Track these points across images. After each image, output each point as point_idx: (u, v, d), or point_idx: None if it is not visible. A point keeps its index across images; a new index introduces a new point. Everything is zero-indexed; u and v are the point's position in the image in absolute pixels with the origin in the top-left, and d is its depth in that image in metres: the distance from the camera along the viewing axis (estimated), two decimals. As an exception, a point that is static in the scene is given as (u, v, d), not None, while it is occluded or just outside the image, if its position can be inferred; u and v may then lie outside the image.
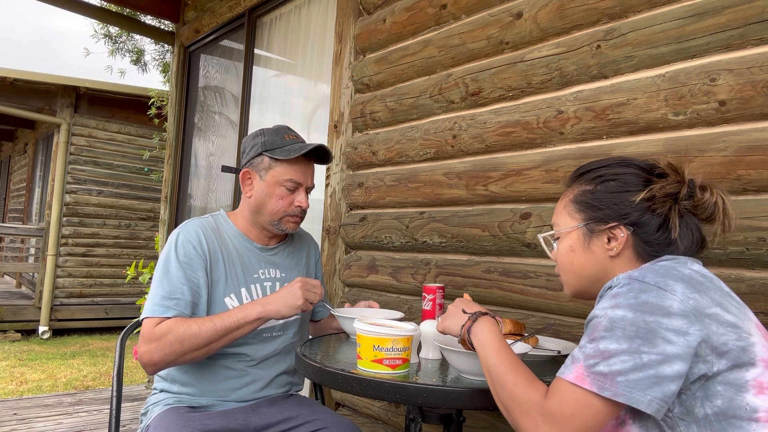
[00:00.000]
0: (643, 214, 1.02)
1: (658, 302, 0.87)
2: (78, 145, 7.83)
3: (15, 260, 9.17)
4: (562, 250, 1.12)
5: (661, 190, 1.01)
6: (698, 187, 1.03)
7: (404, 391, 1.11)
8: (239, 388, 1.60)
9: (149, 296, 1.52)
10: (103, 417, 3.65)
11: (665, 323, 0.85)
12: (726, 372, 0.86)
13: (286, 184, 1.61)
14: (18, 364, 5.69)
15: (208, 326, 1.44)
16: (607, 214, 1.04)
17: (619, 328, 0.87)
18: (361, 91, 2.57)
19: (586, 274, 1.08)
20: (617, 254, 1.04)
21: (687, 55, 1.48)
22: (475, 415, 1.88)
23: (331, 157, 1.71)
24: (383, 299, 2.36)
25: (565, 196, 1.13)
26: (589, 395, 0.86)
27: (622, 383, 0.84)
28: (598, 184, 1.07)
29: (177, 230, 1.61)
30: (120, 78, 9.37)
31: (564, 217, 1.12)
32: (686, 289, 0.88)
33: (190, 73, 4.39)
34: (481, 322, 1.09)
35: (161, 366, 1.46)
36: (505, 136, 1.93)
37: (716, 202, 1.02)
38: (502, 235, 1.90)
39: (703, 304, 0.88)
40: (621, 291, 0.91)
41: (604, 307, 0.91)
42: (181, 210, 4.40)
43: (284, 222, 1.65)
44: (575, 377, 0.88)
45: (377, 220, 2.41)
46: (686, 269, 0.94)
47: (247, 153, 1.67)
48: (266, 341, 1.64)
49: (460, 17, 2.12)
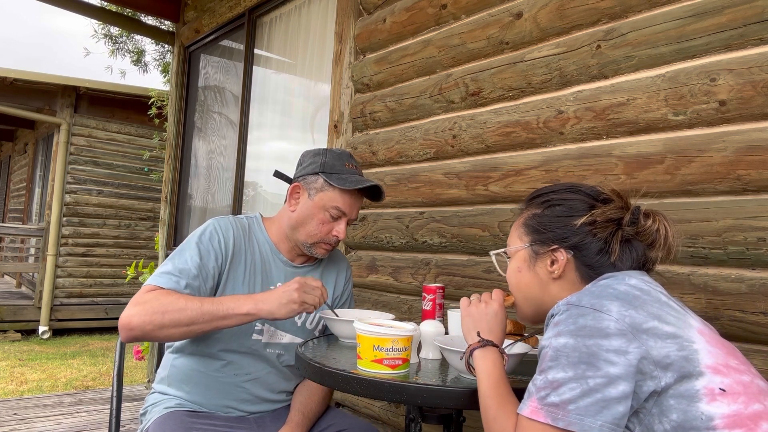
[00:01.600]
0: (584, 238, 1.06)
1: (595, 324, 0.89)
2: (78, 145, 7.83)
3: (15, 260, 9.17)
4: (510, 270, 1.17)
5: (602, 215, 1.05)
6: (642, 214, 1.07)
7: (404, 391, 1.11)
8: (240, 401, 1.58)
9: (155, 270, 1.48)
10: (103, 417, 3.65)
11: (605, 345, 0.87)
12: (675, 385, 0.87)
13: (331, 211, 1.55)
14: (18, 364, 5.69)
15: (195, 305, 1.36)
16: (549, 237, 1.09)
17: (563, 356, 0.89)
18: (361, 91, 2.57)
19: (532, 296, 1.12)
20: (559, 276, 1.08)
21: (687, 55, 1.48)
22: (475, 415, 1.87)
23: (383, 197, 1.63)
24: (383, 299, 2.36)
25: (518, 218, 1.18)
26: (547, 428, 0.87)
27: (573, 411, 0.85)
28: (545, 209, 1.12)
29: (210, 221, 1.57)
30: (121, 78, 9.37)
31: (514, 239, 1.17)
32: (621, 308, 0.90)
33: (190, 73, 4.39)
34: (486, 350, 1.10)
35: (136, 333, 1.36)
36: (505, 136, 1.93)
37: (658, 229, 1.06)
38: (502, 235, 1.90)
39: (639, 320, 0.89)
40: (561, 318, 0.93)
41: (548, 337, 0.93)
42: (181, 210, 4.40)
43: (317, 247, 1.59)
44: (530, 411, 0.90)
45: (377, 220, 2.41)
46: (623, 285, 0.96)
47: (303, 167, 1.61)
48: (268, 358, 1.61)
49: (460, 17, 2.12)
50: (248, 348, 1.57)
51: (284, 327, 1.62)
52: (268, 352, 1.60)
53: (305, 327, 1.66)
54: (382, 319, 1.39)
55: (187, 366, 1.57)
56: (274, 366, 1.62)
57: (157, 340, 1.46)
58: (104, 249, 8.07)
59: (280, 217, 1.65)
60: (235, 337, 1.54)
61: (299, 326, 1.64)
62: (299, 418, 1.54)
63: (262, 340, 1.58)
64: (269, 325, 1.59)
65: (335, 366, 1.22)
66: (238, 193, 3.67)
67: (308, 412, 1.57)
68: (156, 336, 1.37)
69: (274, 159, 3.63)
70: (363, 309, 1.75)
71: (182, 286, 1.43)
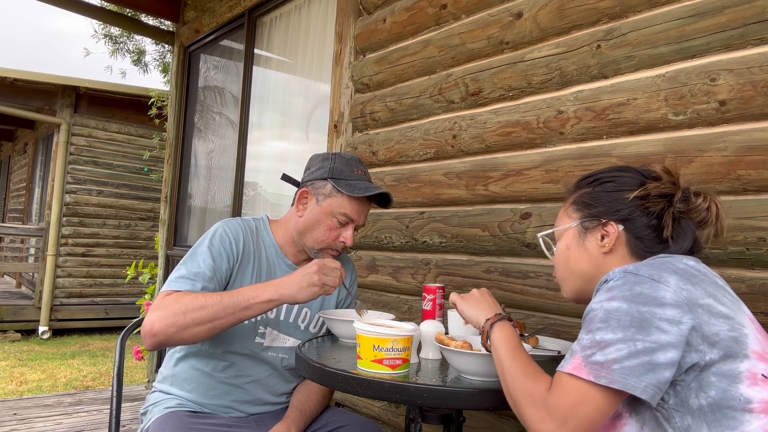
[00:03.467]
0: (635, 211, 1.06)
1: (651, 293, 0.89)
2: (78, 145, 7.82)
3: (15, 260, 9.17)
4: (559, 249, 1.17)
5: (655, 189, 1.06)
6: (693, 193, 1.07)
7: (404, 391, 1.11)
8: (241, 402, 1.58)
9: (169, 276, 1.47)
10: (103, 417, 3.65)
11: (659, 313, 0.88)
12: (719, 363, 0.87)
13: (339, 217, 1.54)
14: (18, 364, 5.69)
15: (215, 300, 1.36)
16: (601, 211, 1.10)
17: (614, 319, 0.89)
18: (361, 91, 2.57)
19: (580, 271, 1.12)
20: (610, 250, 1.08)
21: (687, 55, 1.48)
22: (475, 415, 1.88)
23: (391, 204, 1.62)
24: (383, 299, 2.36)
25: (566, 201, 1.19)
26: (588, 386, 0.87)
27: (617, 370, 0.86)
28: (596, 186, 1.13)
29: (218, 224, 1.57)
30: (121, 78, 9.37)
31: (563, 219, 1.18)
32: (679, 281, 0.91)
33: (190, 73, 4.39)
34: (502, 323, 1.11)
35: (160, 338, 1.35)
36: (505, 136, 1.93)
37: (709, 207, 1.05)
38: (502, 235, 1.90)
39: (695, 295, 0.90)
40: (616, 284, 0.93)
41: (599, 300, 0.94)
42: (181, 210, 4.40)
43: (323, 253, 1.58)
44: (573, 368, 0.90)
45: (377, 220, 2.41)
46: (681, 264, 0.96)
47: (311, 171, 1.60)
48: (270, 361, 1.60)
49: (460, 17, 2.12)
50: (250, 350, 1.57)
51: (287, 330, 1.62)
52: (270, 355, 1.60)
53: (309, 330, 1.66)
54: (382, 319, 1.39)
55: (189, 366, 1.57)
56: (276, 369, 1.61)
57: (184, 343, 1.44)
58: (104, 249, 8.07)
59: (287, 220, 1.65)
60: (238, 338, 1.54)
61: (302, 329, 1.64)
62: (296, 415, 1.54)
63: (264, 343, 1.58)
64: (272, 329, 1.59)
65: (335, 366, 1.22)
66: (238, 193, 3.67)
67: (306, 409, 1.57)
68: (180, 338, 1.36)
69: (274, 159, 3.63)
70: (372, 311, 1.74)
71: (198, 288, 1.43)
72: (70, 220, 7.77)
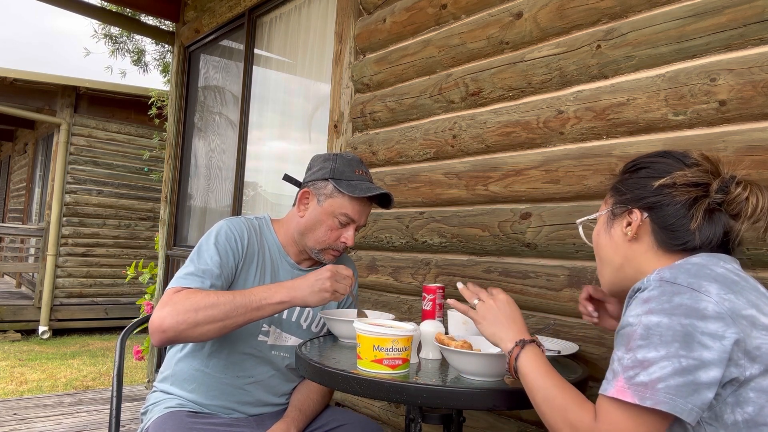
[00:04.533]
0: (662, 200, 1.01)
1: (692, 304, 0.84)
2: (78, 145, 7.83)
3: (15, 260, 9.17)
4: (593, 234, 1.15)
5: (683, 177, 1.00)
6: (734, 183, 1.00)
7: (404, 391, 1.11)
8: (242, 403, 1.58)
9: (176, 274, 1.47)
10: (103, 417, 3.65)
11: (701, 327, 0.82)
12: (759, 377, 0.83)
13: (340, 218, 1.55)
14: (18, 364, 5.69)
15: (228, 299, 1.36)
16: (628, 198, 1.06)
17: (656, 335, 0.84)
18: (361, 91, 2.57)
19: (608, 259, 1.09)
20: (634, 238, 1.04)
21: (687, 55, 1.48)
22: (475, 415, 1.88)
23: (392, 205, 1.63)
24: (383, 299, 2.36)
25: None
26: (635, 410, 0.83)
27: (662, 390, 0.81)
28: (632, 172, 1.09)
29: (222, 222, 1.57)
30: (121, 78, 9.37)
31: (602, 206, 1.15)
32: (720, 290, 0.86)
33: (190, 73, 4.39)
34: (530, 348, 1.06)
35: (169, 335, 1.35)
36: (505, 136, 1.93)
37: (748, 198, 0.98)
38: (502, 235, 1.90)
39: (738, 306, 0.85)
40: (653, 294, 0.88)
41: (637, 314, 0.88)
42: (181, 210, 4.40)
43: (325, 254, 1.59)
44: (616, 391, 0.85)
45: (377, 220, 2.41)
46: (719, 268, 0.91)
47: (313, 172, 1.61)
48: (272, 360, 1.61)
49: (460, 17, 2.12)
50: (253, 349, 1.57)
51: (290, 329, 1.62)
52: (273, 354, 1.60)
53: (311, 330, 1.66)
54: (382, 319, 1.39)
55: (191, 365, 1.57)
56: (278, 369, 1.62)
57: (192, 341, 1.44)
58: (104, 249, 8.07)
59: (289, 220, 1.65)
60: (242, 337, 1.54)
61: (305, 329, 1.65)
62: (295, 414, 1.54)
63: (268, 341, 1.58)
64: (275, 327, 1.59)
65: (335, 366, 1.22)
66: (238, 193, 3.67)
67: (305, 408, 1.57)
68: (190, 335, 1.36)
69: (274, 159, 3.63)
70: (365, 309, 1.73)
71: (207, 286, 1.42)
72: (70, 220, 7.77)
